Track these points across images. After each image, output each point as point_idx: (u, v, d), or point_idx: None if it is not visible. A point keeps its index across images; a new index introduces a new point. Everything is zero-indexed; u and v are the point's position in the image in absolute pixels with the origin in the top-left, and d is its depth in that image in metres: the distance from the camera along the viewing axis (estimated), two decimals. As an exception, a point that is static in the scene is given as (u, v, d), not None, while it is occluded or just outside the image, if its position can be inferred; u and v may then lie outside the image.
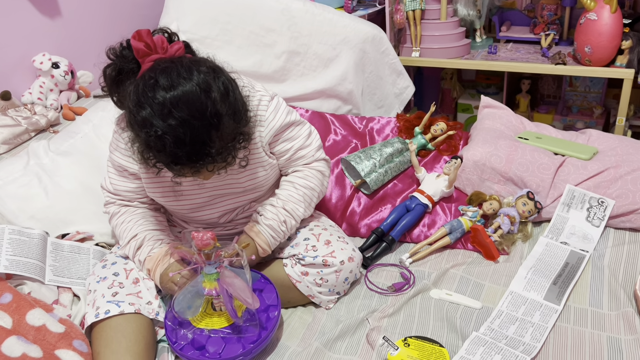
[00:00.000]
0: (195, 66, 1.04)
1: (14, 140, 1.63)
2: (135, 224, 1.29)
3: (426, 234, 1.54)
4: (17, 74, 1.78)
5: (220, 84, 1.04)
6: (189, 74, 1.02)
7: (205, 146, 1.01)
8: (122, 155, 1.25)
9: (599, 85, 2.43)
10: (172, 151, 1.00)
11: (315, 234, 1.33)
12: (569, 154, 1.59)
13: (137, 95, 1.02)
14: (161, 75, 1.01)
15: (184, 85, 1.00)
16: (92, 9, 2.00)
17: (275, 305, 1.20)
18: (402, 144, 1.71)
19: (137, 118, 1.01)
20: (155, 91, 1.00)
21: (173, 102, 0.99)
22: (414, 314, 1.27)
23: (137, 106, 1.01)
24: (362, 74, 2.06)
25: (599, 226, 1.44)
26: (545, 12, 2.31)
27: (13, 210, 1.40)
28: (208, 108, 1.00)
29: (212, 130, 1.01)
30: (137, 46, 1.06)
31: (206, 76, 1.03)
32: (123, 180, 1.30)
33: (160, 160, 1.05)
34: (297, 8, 1.95)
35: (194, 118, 0.99)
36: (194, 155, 1.02)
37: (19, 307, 1.10)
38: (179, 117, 0.99)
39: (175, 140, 0.99)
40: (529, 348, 1.14)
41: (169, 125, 0.99)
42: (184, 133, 0.99)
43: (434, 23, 2.26)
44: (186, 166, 1.04)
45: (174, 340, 1.16)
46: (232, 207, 1.34)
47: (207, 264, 1.12)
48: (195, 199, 1.29)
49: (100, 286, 1.21)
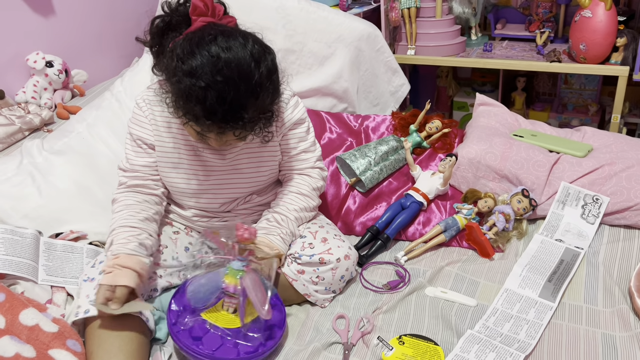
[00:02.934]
0: (252, 37, 1.11)
1: (8, 140, 1.63)
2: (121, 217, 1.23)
3: (421, 231, 1.54)
4: (11, 72, 1.78)
5: (269, 60, 1.11)
6: (245, 42, 1.08)
7: (241, 110, 1.06)
8: (141, 127, 1.28)
9: (594, 83, 2.43)
10: (211, 105, 1.04)
11: (312, 232, 1.33)
12: (564, 152, 1.59)
13: (190, 45, 1.06)
14: (220, 35, 1.07)
15: (239, 50, 1.06)
16: (86, 8, 2.00)
17: (280, 328, 1.18)
18: (397, 142, 1.71)
19: (184, 65, 1.05)
20: (212, 45, 1.05)
21: (227, 61, 1.04)
22: (409, 312, 1.27)
23: (188, 54, 1.05)
24: (357, 72, 2.06)
25: (594, 223, 1.45)
26: (540, 10, 2.31)
27: (6, 210, 1.39)
28: (255, 76, 1.06)
29: (252, 98, 1.07)
30: (197, 3, 1.11)
31: (260, 49, 1.09)
32: (140, 154, 1.30)
33: (194, 113, 1.07)
34: (292, 6, 1.94)
35: (241, 80, 1.05)
36: (229, 115, 1.06)
37: (12, 306, 1.10)
38: (228, 75, 1.04)
39: (218, 96, 1.04)
40: (523, 345, 1.14)
41: (216, 80, 1.03)
42: (228, 92, 1.04)
43: (429, 21, 2.26)
44: (216, 124, 1.07)
45: (173, 321, 1.14)
46: (234, 197, 1.35)
47: (238, 259, 1.12)
48: (203, 181, 1.30)
49: (86, 286, 1.20)
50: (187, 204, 1.36)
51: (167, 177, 1.32)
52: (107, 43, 2.12)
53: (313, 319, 1.28)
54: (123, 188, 1.31)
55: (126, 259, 1.14)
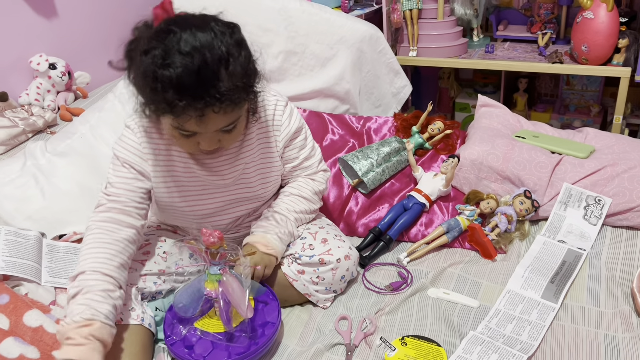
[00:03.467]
0: (212, 17, 1.06)
1: (11, 142, 1.63)
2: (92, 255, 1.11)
3: (424, 233, 1.54)
4: (14, 75, 1.78)
5: (236, 32, 1.06)
6: (205, 19, 1.04)
7: (213, 79, 0.99)
8: (130, 151, 1.19)
9: (596, 84, 2.43)
10: (178, 80, 0.97)
11: (312, 233, 1.33)
12: (566, 153, 1.59)
13: (149, 39, 1.01)
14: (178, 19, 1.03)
15: (200, 25, 1.01)
16: (89, 10, 2.00)
17: (273, 323, 1.19)
18: (399, 143, 1.71)
19: (147, 55, 0.99)
20: (168, 26, 1.01)
21: (187, 38, 0.99)
22: (411, 313, 1.27)
23: (148, 42, 1.00)
24: (359, 74, 2.06)
25: (596, 224, 1.45)
26: (542, 11, 2.31)
27: (10, 212, 1.40)
28: (220, 44, 1.00)
29: (221, 66, 1.00)
30: (157, 13, 1.07)
31: (222, 26, 1.04)
32: (125, 179, 1.19)
33: (164, 100, 0.99)
34: (294, 8, 1.95)
35: (204, 48, 0.99)
36: (201, 88, 0.98)
37: (16, 308, 1.10)
38: (190, 46, 0.98)
39: (183, 68, 0.97)
40: (526, 346, 1.14)
41: (179, 53, 0.97)
42: (193, 61, 0.97)
43: (431, 22, 2.26)
44: (191, 106, 0.99)
45: (168, 334, 1.17)
46: (241, 214, 1.34)
47: (212, 264, 1.12)
48: (209, 205, 1.27)
49: None
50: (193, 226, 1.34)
51: (173, 203, 1.26)
52: (110, 45, 2.11)
53: (315, 320, 1.28)
54: (101, 213, 1.16)
55: (101, 330, 1.01)
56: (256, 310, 1.21)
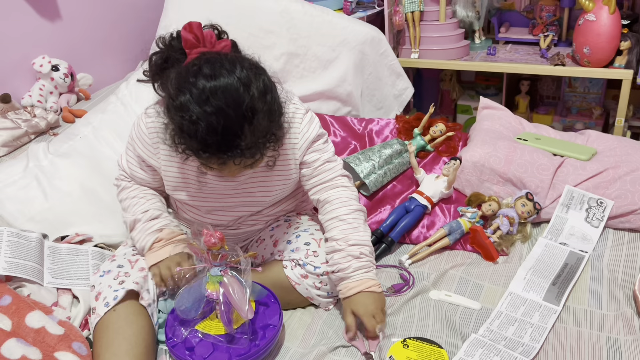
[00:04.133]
0: (239, 61, 1.07)
1: (14, 143, 1.64)
2: (148, 202, 1.30)
3: (425, 235, 1.54)
4: (17, 76, 1.79)
5: (260, 82, 1.06)
6: (232, 67, 1.04)
7: (236, 138, 1.03)
8: (144, 146, 1.26)
9: (598, 86, 2.43)
10: (203, 138, 1.02)
11: (316, 239, 1.32)
12: (568, 155, 1.59)
13: (178, 81, 1.05)
14: (205, 65, 1.04)
15: (225, 77, 1.03)
16: (91, 12, 2.01)
17: (274, 326, 1.18)
18: (401, 145, 1.71)
19: (175, 102, 1.04)
20: (196, 78, 1.03)
21: (212, 90, 1.02)
22: (413, 315, 1.27)
23: (177, 91, 1.04)
24: (361, 76, 2.06)
25: (598, 227, 1.44)
26: (544, 13, 2.32)
27: (12, 213, 1.40)
28: (245, 101, 1.02)
29: (245, 124, 1.03)
30: (186, 37, 1.10)
31: (248, 72, 1.05)
32: (140, 169, 1.30)
33: (190, 147, 1.06)
34: (296, 10, 1.95)
35: (229, 108, 1.01)
36: (224, 146, 1.03)
37: (19, 309, 1.10)
38: (215, 105, 1.01)
39: (207, 127, 1.01)
40: (528, 349, 1.14)
41: (204, 112, 1.01)
42: (217, 121, 1.01)
43: (433, 24, 2.26)
44: (214, 156, 1.05)
45: (170, 337, 1.17)
46: (243, 214, 1.35)
47: (214, 265, 1.12)
48: (212, 201, 1.30)
49: (105, 279, 1.22)
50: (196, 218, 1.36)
51: (175, 196, 1.32)
52: (112, 47, 2.13)
53: (318, 322, 1.28)
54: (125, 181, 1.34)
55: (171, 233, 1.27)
56: (257, 313, 1.21)
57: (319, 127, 1.30)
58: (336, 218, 1.25)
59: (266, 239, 1.40)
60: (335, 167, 1.31)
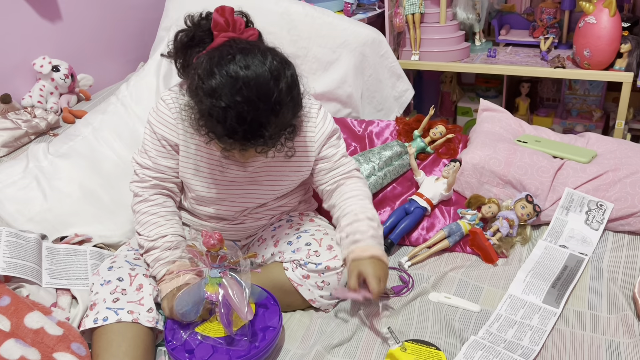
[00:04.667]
0: (271, 53, 1.10)
1: (14, 143, 1.64)
2: (167, 224, 1.28)
3: (425, 237, 1.54)
4: (18, 77, 1.79)
5: (289, 76, 1.10)
6: (264, 59, 1.07)
7: (261, 128, 1.07)
8: (166, 127, 1.27)
9: (598, 89, 2.43)
10: (231, 125, 1.05)
11: (316, 239, 1.32)
12: (568, 157, 1.59)
13: (210, 64, 1.07)
14: (239, 53, 1.07)
15: (258, 68, 1.06)
16: (92, 12, 2.01)
17: (274, 328, 1.18)
18: (401, 147, 1.71)
19: (205, 85, 1.06)
20: (230, 65, 1.05)
21: (245, 80, 1.04)
22: (412, 317, 1.27)
23: (209, 74, 1.06)
24: (361, 77, 2.06)
25: (598, 229, 1.44)
26: (544, 16, 2.32)
27: (11, 213, 1.40)
28: (274, 94, 1.06)
29: (272, 116, 1.07)
30: (217, 19, 1.12)
31: (279, 65, 1.09)
32: (164, 154, 1.29)
33: (215, 131, 1.09)
34: (297, 11, 1.95)
35: (260, 100, 1.05)
36: (249, 134, 1.07)
37: (18, 309, 1.10)
38: (247, 96, 1.04)
39: (237, 116, 1.04)
40: (527, 351, 1.14)
41: (236, 101, 1.04)
42: (247, 111, 1.04)
43: (433, 26, 2.27)
44: (238, 142, 1.08)
45: (169, 339, 1.16)
46: (249, 206, 1.36)
47: (213, 267, 1.12)
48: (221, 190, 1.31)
49: (103, 290, 1.21)
50: (202, 210, 1.36)
51: (187, 181, 1.32)
52: (112, 48, 2.13)
53: (317, 323, 1.28)
54: (149, 187, 1.30)
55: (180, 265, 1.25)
56: (257, 315, 1.21)
57: (333, 122, 1.35)
58: (356, 197, 1.33)
59: (267, 238, 1.40)
60: (350, 162, 1.38)
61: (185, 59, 1.20)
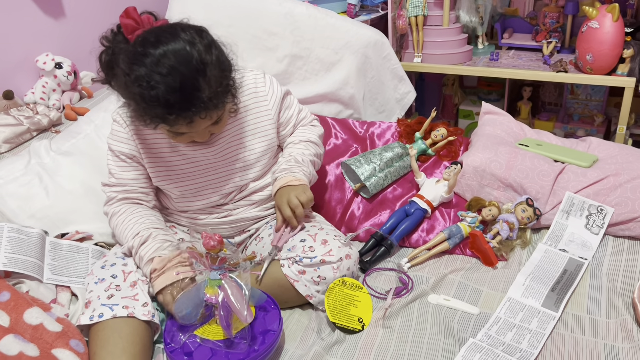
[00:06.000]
0: (180, 26, 1.15)
1: (16, 140, 1.64)
2: (137, 223, 1.30)
3: (425, 239, 1.54)
4: (20, 73, 1.79)
5: (203, 39, 1.15)
6: (174, 31, 1.13)
7: (195, 91, 1.11)
8: (122, 142, 1.32)
9: (600, 94, 2.43)
10: (164, 98, 1.08)
11: (311, 235, 1.33)
12: (569, 161, 1.59)
13: (128, 57, 1.11)
14: (148, 35, 1.12)
15: (170, 40, 1.11)
16: (95, 10, 2.01)
17: (274, 332, 1.18)
18: (402, 148, 1.71)
19: (131, 77, 1.10)
20: (144, 48, 1.10)
21: (161, 54, 1.09)
22: (411, 319, 1.27)
23: (129, 67, 1.10)
24: (363, 79, 2.07)
25: (598, 234, 1.44)
26: (547, 20, 2.32)
27: (13, 209, 1.40)
28: (194, 56, 1.10)
29: (200, 77, 1.11)
30: (125, 22, 1.15)
31: (191, 33, 1.14)
32: (125, 167, 1.34)
33: (155, 114, 1.12)
34: (300, 12, 1.96)
35: (181, 65, 1.09)
36: (186, 102, 1.10)
37: (17, 305, 1.10)
38: (167, 66, 1.08)
39: (166, 88, 1.08)
40: (526, 355, 1.14)
41: (160, 74, 1.08)
42: (174, 80, 1.08)
43: (436, 29, 2.27)
44: (180, 116, 1.11)
45: (168, 342, 1.16)
46: (232, 188, 1.38)
47: (212, 269, 1.12)
48: (197, 178, 1.35)
49: (97, 287, 1.21)
50: (189, 206, 1.39)
51: (164, 186, 1.36)
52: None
53: (315, 323, 1.28)
54: (116, 202, 1.35)
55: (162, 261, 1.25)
56: (257, 318, 1.20)
57: (279, 84, 1.43)
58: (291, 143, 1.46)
59: (264, 237, 1.40)
60: (307, 114, 1.51)
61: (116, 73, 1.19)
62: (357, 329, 1.23)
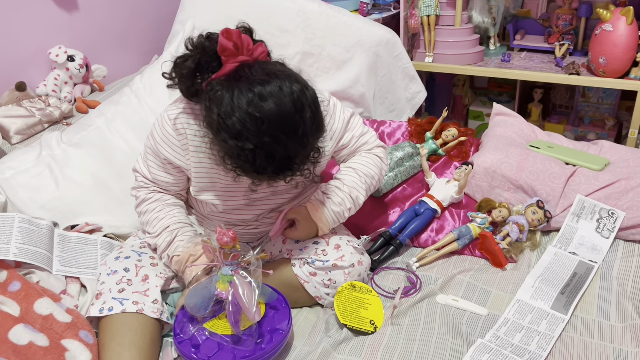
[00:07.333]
0: (289, 80, 1.04)
1: (28, 131, 1.65)
2: (168, 214, 1.28)
3: (434, 239, 1.53)
4: (33, 65, 1.80)
5: (311, 102, 1.05)
6: (284, 89, 1.02)
7: (290, 161, 1.05)
8: (172, 151, 1.22)
9: (612, 97, 2.42)
10: (260, 164, 1.03)
11: (324, 238, 1.32)
12: (581, 164, 1.58)
13: (229, 101, 1.01)
14: (258, 85, 1.01)
15: (280, 101, 1.00)
16: (109, 3, 2.02)
17: (282, 331, 1.17)
18: (412, 148, 1.71)
19: (227, 126, 1.00)
20: (251, 102, 0.99)
21: (269, 118, 0.99)
22: (419, 319, 1.27)
23: (229, 113, 1.00)
24: (374, 77, 2.06)
25: (609, 237, 1.44)
26: (560, 22, 2.31)
27: (24, 200, 1.41)
28: (300, 127, 1.03)
29: (300, 148, 1.05)
30: (226, 45, 1.05)
31: (300, 94, 1.03)
32: (163, 172, 1.27)
33: (243, 169, 1.06)
34: (313, 10, 1.95)
35: (287, 136, 1.02)
36: (279, 169, 1.06)
37: (27, 295, 1.11)
38: (273, 134, 1.00)
39: (266, 155, 1.02)
40: (534, 357, 1.13)
41: (263, 142, 1.00)
42: (276, 150, 1.02)
43: (448, 29, 2.26)
44: (267, 176, 1.07)
45: (177, 332, 1.16)
46: (264, 210, 1.35)
47: (225, 264, 1.12)
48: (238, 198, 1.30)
49: (109, 279, 1.21)
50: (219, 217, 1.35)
51: (202, 198, 1.29)
52: (127, 40, 2.14)
53: (323, 321, 1.28)
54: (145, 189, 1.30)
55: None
56: (266, 316, 1.20)
57: (342, 111, 1.33)
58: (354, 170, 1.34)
59: None
60: (370, 140, 1.38)
61: (193, 84, 1.12)
62: (370, 331, 1.22)
